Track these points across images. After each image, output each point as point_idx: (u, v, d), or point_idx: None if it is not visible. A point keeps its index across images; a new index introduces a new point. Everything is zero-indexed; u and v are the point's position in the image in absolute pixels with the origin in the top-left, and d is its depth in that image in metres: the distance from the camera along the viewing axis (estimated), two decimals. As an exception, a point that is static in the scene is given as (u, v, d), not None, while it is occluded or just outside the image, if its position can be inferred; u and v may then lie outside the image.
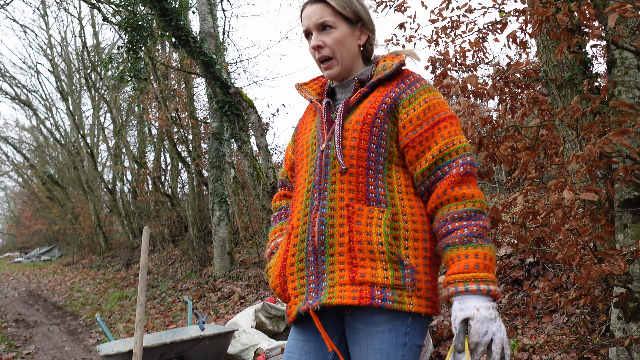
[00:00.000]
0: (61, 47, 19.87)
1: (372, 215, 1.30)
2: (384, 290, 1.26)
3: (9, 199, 34.55)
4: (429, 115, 1.34)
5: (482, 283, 1.20)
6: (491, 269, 1.23)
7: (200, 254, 10.13)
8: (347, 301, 1.26)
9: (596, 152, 1.95)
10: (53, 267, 18.12)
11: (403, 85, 1.38)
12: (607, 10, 1.98)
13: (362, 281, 1.26)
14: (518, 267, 4.35)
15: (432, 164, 1.32)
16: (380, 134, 1.35)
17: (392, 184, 1.35)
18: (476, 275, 1.21)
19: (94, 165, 18.02)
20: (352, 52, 1.44)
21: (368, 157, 1.34)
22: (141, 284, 3.06)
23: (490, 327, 1.17)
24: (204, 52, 7.59)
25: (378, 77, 1.40)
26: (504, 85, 2.93)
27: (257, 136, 7.79)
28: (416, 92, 1.37)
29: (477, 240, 1.24)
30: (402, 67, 1.43)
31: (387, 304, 1.25)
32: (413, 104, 1.36)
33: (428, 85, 1.39)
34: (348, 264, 1.29)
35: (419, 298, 1.28)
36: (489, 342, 1.17)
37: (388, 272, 1.27)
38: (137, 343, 2.98)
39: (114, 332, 6.18)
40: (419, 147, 1.34)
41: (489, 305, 1.19)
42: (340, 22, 1.41)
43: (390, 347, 1.27)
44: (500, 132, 2.86)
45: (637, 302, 2.43)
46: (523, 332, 3.49)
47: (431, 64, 3.61)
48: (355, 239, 1.29)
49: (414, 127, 1.34)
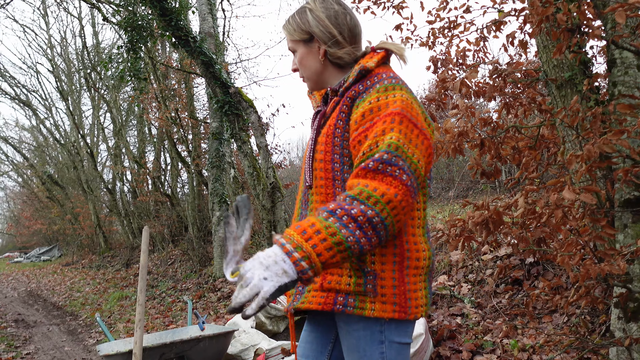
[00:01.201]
0: (61, 47, 19.89)
1: None
2: (346, 296, 1.30)
3: (9, 199, 34.56)
4: (369, 117, 1.27)
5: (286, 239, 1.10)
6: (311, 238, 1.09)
7: (200, 254, 10.14)
8: (313, 306, 1.32)
9: (596, 153, 1.95)
10: (53, 267, 18.12)
11: (361, 87, 1.34)
12: (607, 10, 1.98)
13: (329, 288, 1.32)
14: (518, 267, 4.36)
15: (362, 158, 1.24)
16: (342, 142, 1.33)
17: None
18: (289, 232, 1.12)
19: (93, 165, 18.02)
20: (314, 69, 1.45)
21: (333, 168, 1.34)
22: (141, 284, 3.06)
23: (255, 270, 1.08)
24: (204, 52, 7.59)
25: (345, 86, 1.38)
26: (502, 83, 2.93)
27: (257, 136, 7.79)
28: (370, 93, 1.30)
29: (325, 214, 1.13)
30: (367, 71, 1.36)
31: (347, 309, 1.29)
32: (359, 107, 1.30)
33: (389, 84, 1.30)
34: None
35: (383, 303, 1.29)
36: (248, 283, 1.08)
37: (351, 279, 1.30)
38: (137, 343, 2.98)
39: (114, 332, 6.18)
40: (354, 152, 1.29)
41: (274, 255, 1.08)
42: (297, 45, 1.46)
43: (366, 344, 1.31)
44: (500, 133, 2.86)
45: (637, 302, 2.43)
46: (523, 332, 3.49)
47: (432, 63, 3.61)
48: None
49: (352, 130, 1.30)
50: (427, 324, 3.57)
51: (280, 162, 12.52)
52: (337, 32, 1.41)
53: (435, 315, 4.06)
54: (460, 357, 3.35)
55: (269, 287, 1.06)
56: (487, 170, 2.78)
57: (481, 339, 3.55)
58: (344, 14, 1.42)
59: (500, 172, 2.90)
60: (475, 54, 3.80)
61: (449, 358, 3.37)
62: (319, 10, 1.41)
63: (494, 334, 3.58)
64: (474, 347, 3.41)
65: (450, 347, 3.47)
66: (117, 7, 8.25)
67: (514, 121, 3.13)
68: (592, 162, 2.03)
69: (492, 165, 2.84)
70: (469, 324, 3.84)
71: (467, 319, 3.97)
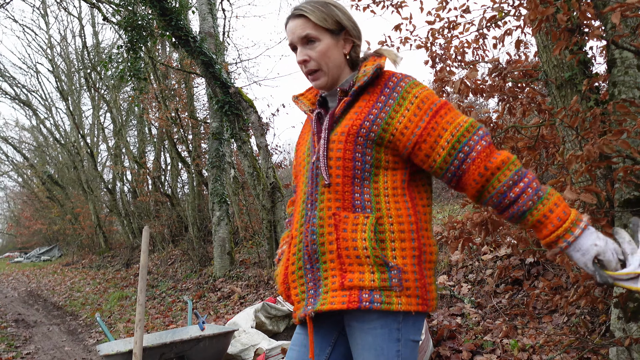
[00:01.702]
0: (61, 47, 19.90)
1: (357, 221, 1.34)
2: (371, 292, 1.31)
3: (9, 199, 34.57)
4: (425, 107, 1.35)
5: (578, 222, 1.27)
6: (567, 205, 1.30)
7: (200, 254, 10.14)
8: (337, 306, 1.31)
9: (596, 153, 1.95)
10: (53, 267, 18.12)
11: (387, 90, 1.39)
12: (607, 10, 1.98)
13: (351, 286, 1.32)
14: (518, 267, 4.36)
15: (450, 149, 1.32)
16: (366, 142, 1.36)
17: (377, 188, 1.38)
18: (571, 219, 1.27)
19: (93, 165, 18.02)
20: (338, 62, 1.45)
21: (354, 166, 1.36)
22: (141, 284, 3.06)
23: (609, 246, 1.26)
24: (204, 52, 7.59)
25: (358, 85, 1.40)
26: (502, 82, 2.93)
27: (257, 136, 7.79)
28: (402, 93, 1.37)
29: (542, 192, 1.29)
30: (381, 70, 1.41)
31: (374, 305, 1.30)
32: (404, 105, 1.36)
33: (412, 81, 1.39)
34: (339, 270, 1.34)
35: (408, 297, 1.32)
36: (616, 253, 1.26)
37: (375, 275, 1.31)
38: (137, 343, 2.98)
39: (114, 332, 6.18)
40: (430, 138, 1.34)
41: (594, 235, 1.26)
42: (323, 34, 1.42)
43: (384, 342, 1.32)
44: (500, 133, 2.86)
45: (637, 302, 2.43)
46: (523, 332, 3.49)
47: (431, 59, 3.60)
48: (343, 246, 1.34)
49: (416, 123, 1.34)
50: (427, 324, 3.57)
51: (280, 162, 12.53)
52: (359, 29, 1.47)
53: (435, 315, 4.06)
54: (460, 357, 3.35)
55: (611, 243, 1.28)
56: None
57: (481, 339, 3.55)
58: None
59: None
60: (475, 51, 3.80)
61: (449, 358, 3.37)
62: (343, 7, 1.44)
63: (494, 334, 3.58)
64: (474, 347, 3.41)
65: (450, 347, 3.47)
66: (117, 7, 8.25)
67: (514, 121, 3.13)
68: (591, 162, 2.03)
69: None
70: (469, 324, 3.84)
71: (467, 319, 3.97)
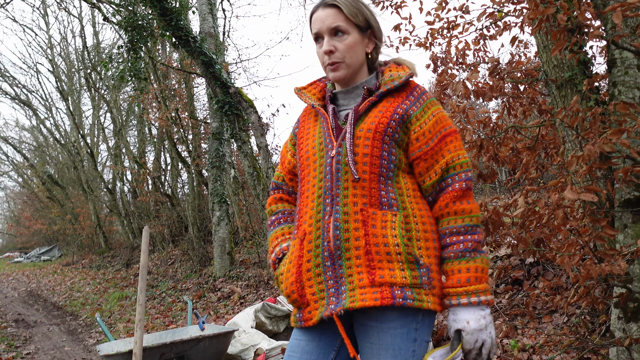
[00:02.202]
0: (61, 47, 19.90)
1: (385, 218, 1.35)
2: (403, 289, 1.31)
3: (9, 199, 34.56)
4: (437, 128, 1.42)
5: (472, 296, 1.31)
6: (483, 279, 1.33)
7: (200, 254, 10.13)
8: (370, 303, 1.29)
9: (596, 152, 1.94)
10: (53, 267, 18.11)
11: (412, 97, 1.44)
12: (607, 10, 1.98)
13: (382, 282, 1.31)
14: (518, 267, 4.36)
15: (440, 177, 1.40)
16: (391, 142, 1.39)
17: (401, 188, 1.41)
18: (467, 289, 1.32)
19: (94, 165, 18.02)
20: (360, 59, 1.46)
21: (381, 164, 1.39)
22: (141, 284, 3.06)
23: (480, 336, 1.32)
24: (204, 52, 7.58)
25: (387, 88, 1.43)
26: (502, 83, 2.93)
27: (257, 136, 7.79)
28: (424, 105, 1.43)
29: (470, 254, 1.34)
30: (411, 79, 1.47)
31: (407, 302, 1.30)
32: (424, 117, 1.42)
33: (432, 98, 1.46)
34: (366, 267, 1.33)
35: (434, 296, 1.35)
36: (480, 346, 1.33)
37: (405, 272, 1.32)
38: (137, 343, 2.98)
39: (114, 332, 6.18)
40: (430, 160, 1.41)
41: (478, 316, 1.32)
42: (352, 29, 1.42)
43: (402, 342, 1.32)
44: (500, 134, 2.86)
45: (637, 302, 2.43)
46: (523, 332, 3.49)
47: (432, 62, 3.60)
48: (372, 242, 1.33)
49: (427, 140, 1.41)
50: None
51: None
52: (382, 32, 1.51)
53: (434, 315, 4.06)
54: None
55: (494, 333, 1.35)
56: (484, 172, 2.78)
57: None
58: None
59: (497, 174, 2.90)
60: (476, 53, 3.79)
61: None
62: (370, 6, 1.47)
63: (494, 334, 3.57)
64: (474, 347, 3.41)
65: (450, 347, 3.47)
66: (117, 7, 8.25)
67: (514, 121, 3.13)
68: (592, 162, 2.03)
69: (488, 167, 2.84)
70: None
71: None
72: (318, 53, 1.47)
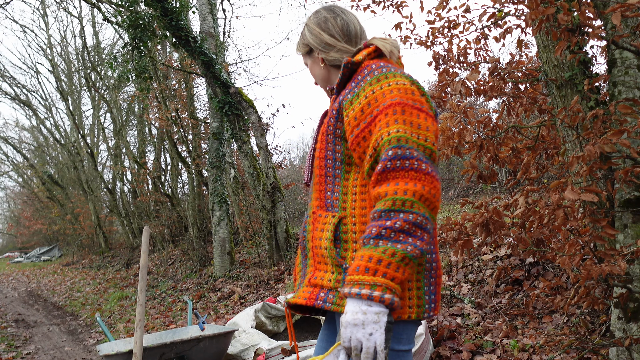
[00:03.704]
0: (61, 47, 19.90)
1: (325, 220, 1.36)
2: (328, 292, 1.31)
3: (9, 199, 34.57)
4: (368, 111, 1.25)
5: (355, 286, 1.13)
6: (378, 271, 1.12)
7: (200, 254, 10.14)
8: (299, 301, 1.36)
9: (596, 153, 1.95)
10: (53, 267, 18.12)
11: (353, 84, 1.34)
12: (607, 11, 1.98)
13: (315, 283, 1.36)
14: (518, 267, 4.36)
15: (372, 163, 1.24)
16: (335, 139, 1.35)
17: (347, 187, 1.34)
18: (353, 278, 1.14)
19: (94, 165, 18.02)
20: (320, 75, 1.55)
21: (326, 164, 1.38)
22: (141, 284, 3.06)
23: (355, 334, 1.11)
24: (204, 52, 7.59)
25: (337, 82, 1.41)
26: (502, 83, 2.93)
27: (257, 136, 7.79)
28: (361, 88, 1.30)
29: (373, 241, 1.14)
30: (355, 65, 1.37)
31: (325, 305, 1.29)
32: (354, 103, 1.29)
33: (380, 74, 1.28)
34: (312, 267, 1.40)
35: None
36: (359, 347, 1.11)
37: (333, 275, 1.31)
38: (137, 343, 2.98)
39: (114, 332, 6.18)
40: (359, 149, 1.28)
41: (357, 309, 1.11)
42: (306, 59, 1.58)
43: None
44: (500, 134, 2.86)
45: (637, 302, 2.43)
46: (523, 332, 3.49)
47: (434, 60, 3.59)
48: (315, 245, 1.38)
49: (352, 128, 1.29)
50: (427, 324, 3.57)
51: (281, 163, 12.52)
52: (328, 35, 1.48)
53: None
54: (460, 357, 3.35)
55: (379, 338, 1.10)
56: (484, 173, 2.78)
57: (481, 339, 3.55)
58: (333, 18, 1.49)
59: (497, 175, 2.90)
60: (477, 52, 3.80)
61: (449, 358, 3.37)
62: (311, 22, 1.54)
63: (494, 334, 3.58)
64: (474, 347, 3.41)
65: (450, 347, 3.47)
66: (118, 7, 8.25)
67: (514, 121, 3.13)
68: (592, 162, 2.03)
69: (488, 168, 2.84)
70: (469, 324, 3.84)
71: (467, 319, 3.97)
72: None
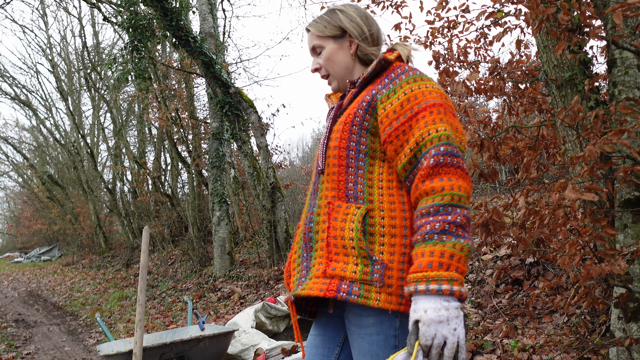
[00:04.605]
0: (61, 47, 19.90)
1: (348, 211, 1.33)
2: (351, 284, 1.27)
3: (9, 199, 34.56)
4: (408, 107, 1.30)
5: (433, 282, 1.15)
6: (451, 266, 1.16)
7: (200, 254, 10.14)
8: (315, 293, 1.30)
9: (597, 153, 1.94)
10: (53, 267, 18.12)
11: (386, 80, 1.38)
12: (608, 11, 1.98)
13: (333, 274, 1.30)
14: (518, 267, 4.36)
15: (411, 158, 1.28)
16: (360, 131, 1.36)
17: (372, 179, 1.35)
18: (427, 274, 1.16)
19: (94, 165, 18.02)
20: (345, 64, 1.50)
21: (347, 155, 1.37)
22: (141, 284, 3.06)
23: (440, 330, 1.13)
24: (204, 52, 7.58)
25: (363, 76, 1.43)
26: (502, 83, 2.93)
27: (257, 136, 7.79)
28: (398, 84, 1.34)
29: (438, 236, 1.18)
30: (386, 63, 1.42)
31: (350, 297, 1.26)
32: (391, 97, 1.33)
33: (416, 75, 1.35)
34: (325, 258, 1.34)
35: (388, 295, 1.26)
36: (442, 344, 1.12)
37: (357, 267, 1.28)
38: (137, 343, 2.98)
39: (114, 332, 6.18)
40: (397, 142, 1.31)
41: (439, 306, 1.14)
42: (326, 42, 1.49)
43: (379, 349, 1.28)
44: (500, 133, 2.86)
45: (637, 302, 2.43)
46: (523, 332, 3.49)
47: (434, 59, 3.59)
48: (332, 235, 1.34)
49: (391, 121, 1.32)
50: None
51: (281, 163, 12.52)
52: (367, 29, 1.49)
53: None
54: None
55: (462, 332, 1.15)
56: (485, 171, 2.78)
57: (481, 339, 3.55)
58: (372, 18, 1.54)
59: (498, 173, 2.90)
60: (477, 51, 3.79)
61: None
62: (350, 10, 1.51)
63: (494, 334, 3.58)
64: (474, 347, 3.41)
65: (450, 347, 3.47)
66: (118, 7, 8.25)
67: (514, 121, 3.13)
68: (593, 162, 2.03)
69: (490, 166, 2.84)
70: (469, 324, 3.84)
71: (467, 319, 3.97)
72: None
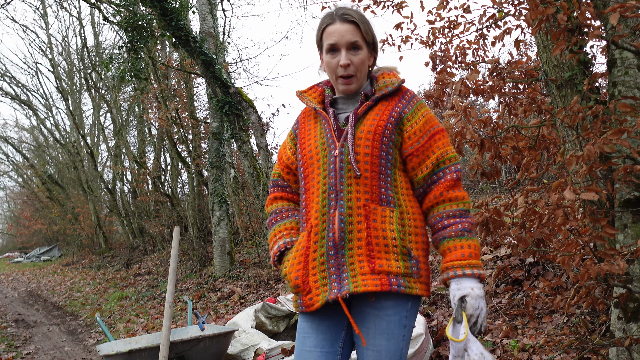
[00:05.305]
0: (61, 46, 19.89)
1: (385, 214, 1.53)
2: (397, 278, 1.50)
3: (9, 199, 34.57)
4: (427, 127, 1.60)
5: (475, 268, 1.49)
6: (479, 256, 1.52)
7: (200, 254, 10.14)
8: (371, 288, 1.47)
9: (596, 153, 1.94)
10: (53, 267, 18.12)
11: (404, 100, 1.62)
12: (607, 11, 1.98)
13: (381, 270, 1.49)
14: (518, 267, 4.35)
15: (431, 170, 1.58)
16: (389, 143, 1.57)
17: (397, 186, 1.58)
18: (470, 262, 1.49)
19: (94, 165, 18.02)
20: (365, 73, 1.65)
21: (380, 163, 1.56)
22: (170, 287, 3.19)
23: (480, 303, 1.47)
24: (204, 52, 7.58)
25: (382, 93, 1.61)
26: (501, 82, 2.92)
27: (257, 136, 7.78)
28: (415, 107, 1.62)
29: (467, 234, 1.52)
30: (402, 85, 1.65)
31: (401, 289, 1.49)
32: (415, 117, 1.60)
33: (422, 101, 1.66)
34: (366, 256, 1.50)
35: (422, 284, 1.55)
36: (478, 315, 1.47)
37: (400, 263, 1.51)
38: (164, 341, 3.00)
39: (114, 332, 6.18)
40: (422, 156, 1.59)
41: (479, 285, 1.49)
42: (365, 45, 1.61)
43: (395, 328, 1.51)
44: (500, 133, 2.86)
45: (637, 302, 2.43)
46: (523, 332, 3.48)
47: (431, 60, 3.58)
48: (373, 235, 1.51)
49: (418, 138, 1.59)
50: (427, 324, 3.57)
51: (280, 162, 12.50)
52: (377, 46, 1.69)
53: (435, 315, 4.06)
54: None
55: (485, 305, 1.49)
56: (487, 170, 2.78)
57: (481, 339, 3.55)
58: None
59: (500, 172, 2.90)
60: (475, 52, 3.79)
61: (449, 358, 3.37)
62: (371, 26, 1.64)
63: (494, 334, 3.58)
64: (474, 347, 3.40)
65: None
66: (117, 7, 8.25)
67: (514, 121, 3.12)
68: (592, 162, 2.03)
69: (491, 165, 2.84)
70: (469, 324, 3.83)
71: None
72: (330, 63, 1.60)
